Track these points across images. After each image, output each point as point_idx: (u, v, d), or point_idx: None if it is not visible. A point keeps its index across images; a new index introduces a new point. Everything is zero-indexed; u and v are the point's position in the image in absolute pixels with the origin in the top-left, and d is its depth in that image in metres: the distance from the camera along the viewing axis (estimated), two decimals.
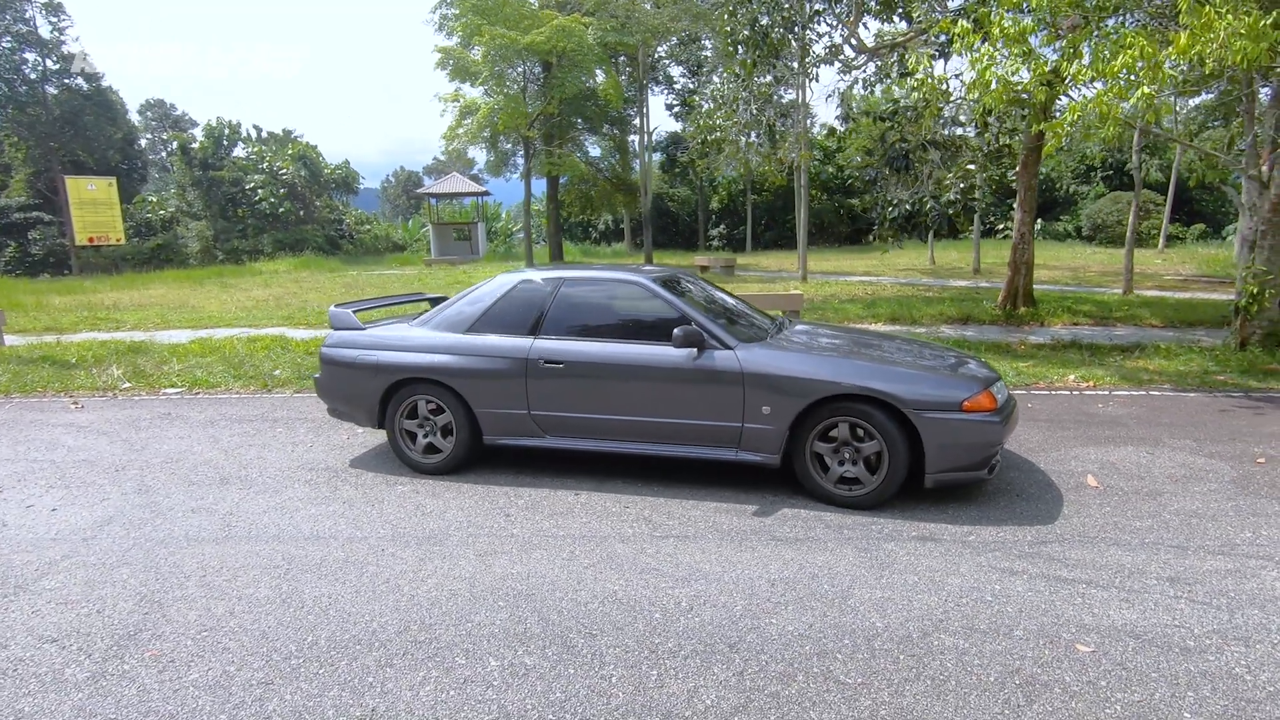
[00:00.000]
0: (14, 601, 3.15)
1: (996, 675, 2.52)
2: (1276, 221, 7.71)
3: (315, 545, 3.67)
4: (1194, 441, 5.17)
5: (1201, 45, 5.43)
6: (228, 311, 13.87)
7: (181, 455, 5.24)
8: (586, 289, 4.61)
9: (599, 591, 3.15)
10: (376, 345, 4.76)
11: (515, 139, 24.58)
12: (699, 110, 13.84)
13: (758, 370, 4.05)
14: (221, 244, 33.14)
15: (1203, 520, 3.81)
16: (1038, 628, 2.81)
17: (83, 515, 4.13)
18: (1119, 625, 2.82)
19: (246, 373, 7.97)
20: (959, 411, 3.83)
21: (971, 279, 18.31)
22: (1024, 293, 11.62)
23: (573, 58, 18.73)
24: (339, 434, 5.71)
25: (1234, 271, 17.96)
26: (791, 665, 2.60)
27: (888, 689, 2.46)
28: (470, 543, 3.68)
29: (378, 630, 2.87)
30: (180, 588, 3.26)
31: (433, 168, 54.00)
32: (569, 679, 2.54)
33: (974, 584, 3.15)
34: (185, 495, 4.43)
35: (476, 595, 3.14)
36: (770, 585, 3.18)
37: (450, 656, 2.69)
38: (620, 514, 4.01)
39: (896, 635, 2.78)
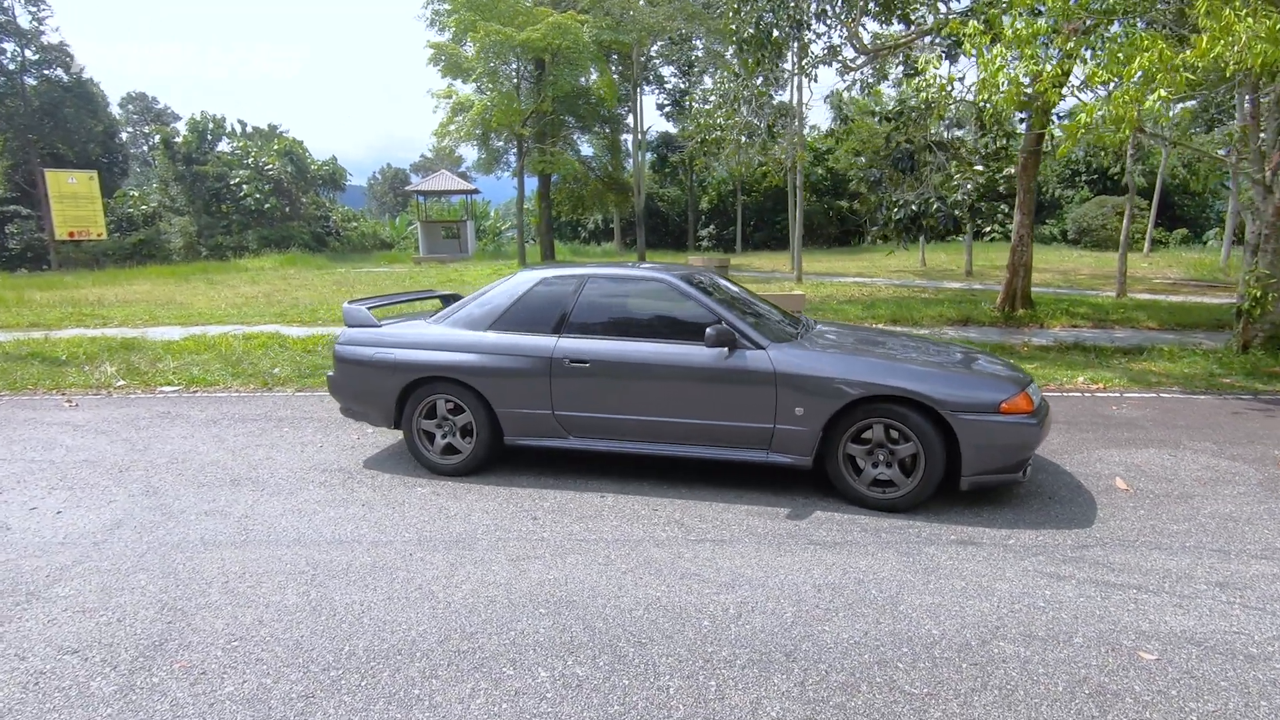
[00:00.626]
0: (28, 610, 3.00)
1: (1064, 685, 2.46)
2: (1278, 225, 7.77)
3: (339, 550, 3.55)
4: (1213, 444, 5.17)
5: (1222, 48, 5.44)
6: (217, 308, 13.58)
7: (187, 455, 5.07)
8: (611, 287, 4.50)
9: (642, 598, 3.06)
10: (394, 343, 4.63)
11: (507, 137, 24.39)
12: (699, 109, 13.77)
13: (791, 370, 3.98)
14: (205, 240, 32.57)
15: (1238, 524, 3.79)
16: (1096, 634, 2.75)
17: (90, 518, 3.97)
18: (1177, 632, 2.77)
19: (245, 371, 7.78)
20: (996, 414, 3.78)
21: (964, 281, 18.40)
22: (1022, 295, 11.67)
23: (568, 55, 18.57)
24: (348, 434, 5.56)
25: (1221, 276, 18.23)
26: (853, 675, 2.52)
27: (955, 700, 2.39)
28: (500, 547, 3.56)
29: (417, 639, 2.76)
30: (203, 595, 3.12)
31: (420, 165, 53.52)
32: (625, 690, 2.44)
33: (1023, 589, 3.10)
34: (195, 497, 4.27)
35: (515, 602, 3.03)
36: (817, 591, 3.10)
37: (497, 667, 2.59)
38: (650, 517, 3.92)
39: (955, 643, 2.71)
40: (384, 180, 55.79)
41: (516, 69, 20.08)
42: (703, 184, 38.39)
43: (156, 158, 35.93)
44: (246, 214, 32.99)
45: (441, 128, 22.16)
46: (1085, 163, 34.90)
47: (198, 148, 33.96)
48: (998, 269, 21.24)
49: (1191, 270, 18.85)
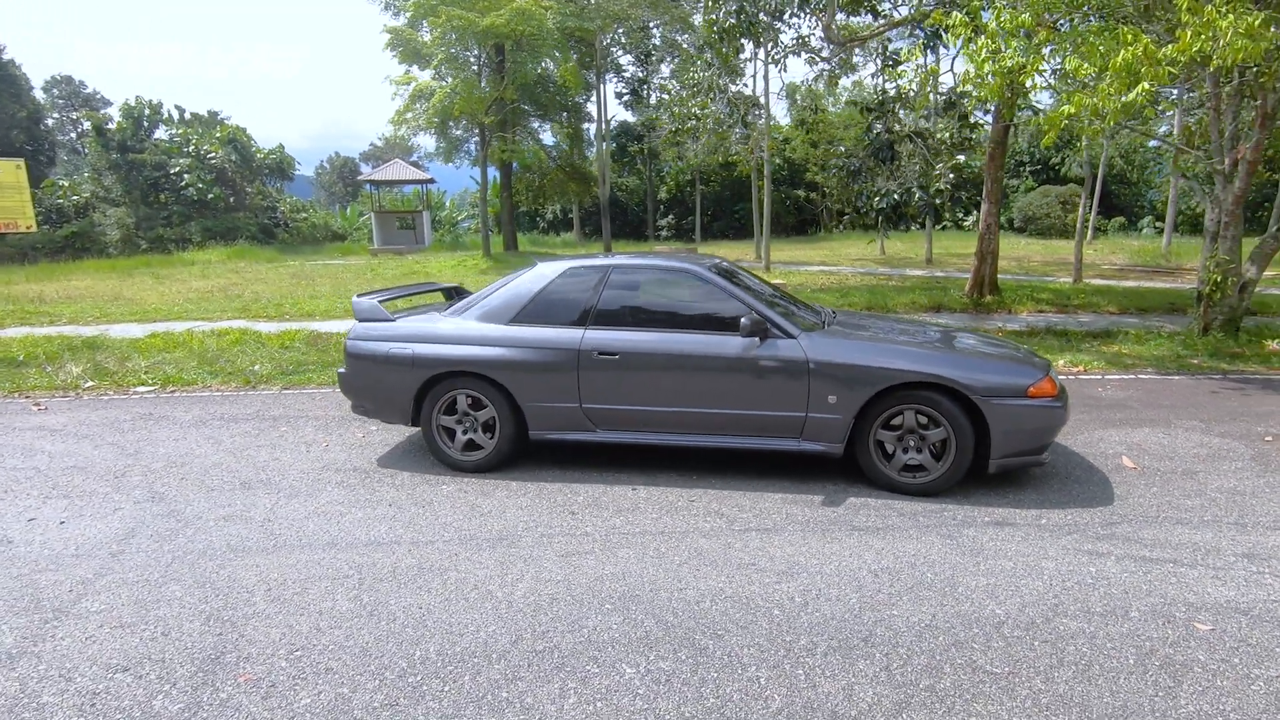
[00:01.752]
0: (59, 627, 2.82)
1: (1134, 657, 2.55)
2: (1239, 214, 8.19)
3: (379, 552, 3.43)
4: (1200, 422, 5.43)
5: (1204, 43, 5.68)
6: (171, 304, 12.96)
7: (184, 459, 4.83)
8: (635, 277, 4.46)
9: (705, 590, 3.05)
10: (411, 337, 4.49)
11: (466, 125, 23.90)
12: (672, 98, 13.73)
13: (824, 359, 4.01)
14: (145, 232, 31.01)
15: (1245, 497, 4.00)
16: (1150, 608, 2.87)
17: (98, 528, 3.75)
18: (1223, 602, 2.90)
19: (223, 369, 7.46)
20: (1024, 397, 3.89)
21: (925, 268, 18.87)
22: (990, 281, 12.04)
23: (531, 42, 18.26)
24: (352, 431, 5.39)
25: (1163, 261, 19.14)
26: (933, 657, 2.57)
27: (1037, 677, 2.46)
28: (546, 543, 3.51)
29: (489, 641, 2.70)
30: (247, 604, 2.98)
31: (370, 154, 51.96)
32: (717, 683, 2.44)
33: (1069, 567, 3.20)
34: (207, 502, 4.08)
35: (578, 599, 2.99)
36: (874, 576, 3.14)
37: (580, 665, 2.55)
38: (688, 508, 3.91)
39: (1020, 622, 2.78)
40: (332, 170, 53.99)
41: (478, 56, 19.66)
42: (661, 174, 38.38)
43: (88, 145, 34.02)
44: (188, 205, 31.53)
45: (398, 115, 21.55)
46: (1029, 154, 36.13)
47: (133, 135, 32.25)
48: (955, 256, 21.86)
49: (1136, 256, 19.75)
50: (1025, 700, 2.34)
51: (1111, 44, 6.37)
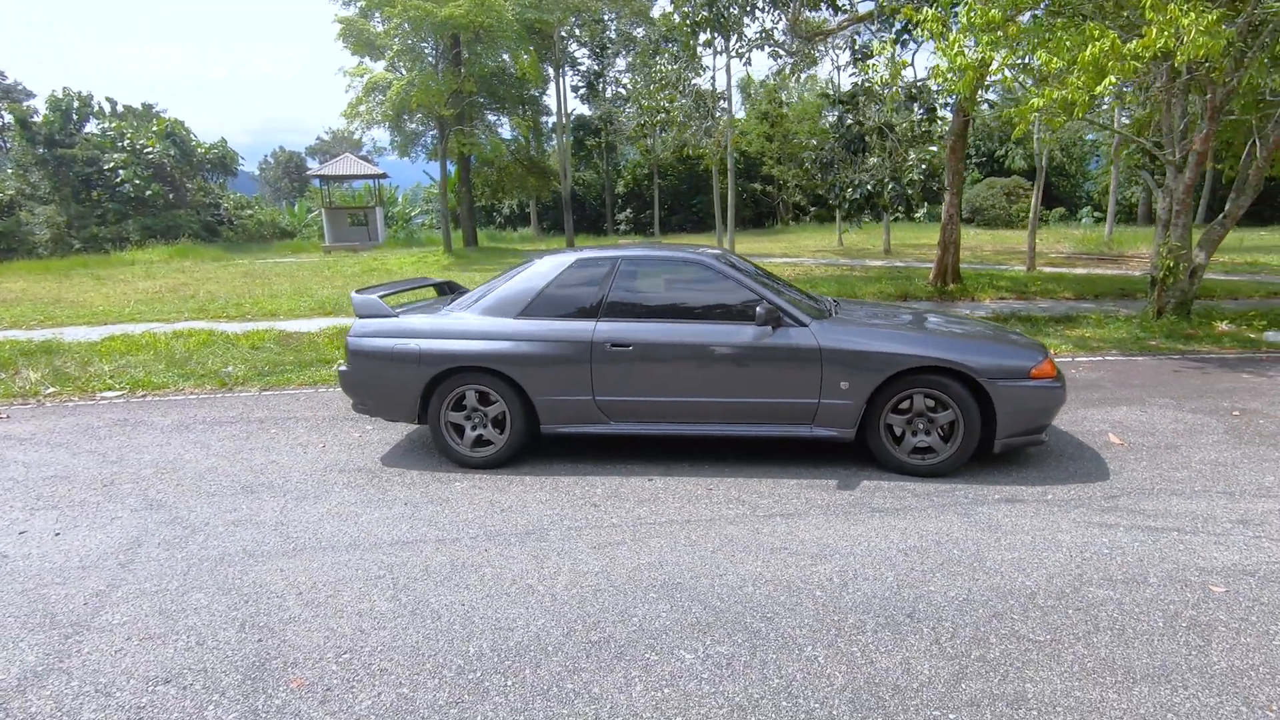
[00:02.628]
0: (82, 642, 2.69)
1: (1163, 620, 2.70)
2: (1189, 202, 8.63)
3: (406, 551, 3.37)
4: (1171, 399, 5.73)
5: (1167, 39, 5.96)
6: (120, 306, 12.37)
7: (174, 464, 4.64)
8: (645, 268, 4.46)
9: (744, 575, 3.09)
10: (417, 333, 4.40)
11: (422, 118, 23.41)
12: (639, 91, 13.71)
13: (836, 346, 4.09)
14: (77, 231, 29.50)
15: (1227, 468, 4.24)
16: (1165, 574, 3.02)
17: (98, 538, 3.58)
18: (1230, 566, 3.08)
19: (194, 371, 7.17)
20: (1027, 379, 4.05)
21: (884, 259, 19.34)
22: (953, 270, 12.42)
23: (490, 33, 17.99)
24: (347, 432, 5.26)
25: (1106, 249, 20.03)
26: (978, 629, 2.66)
27: (1079, 642, 2.57)
28: (576, 536, 3.50)
29: (541, 635, 2.68)
30: (280, 608, 2.89)
31: (317, 148, 50.41)
32: (778, 664, 2.48)
33: (1084, 539, 3.35)
34: (211, 507, 3.93)
35: (621, 589, 3.00)
36: (904, 555, 3.23)
37: (638, 654, 2.56)
38: (708, 497, 3.95)
39: (1051, 591, 2.91)
40: (277, 165, 52.17)
41: (435, 47, 19.27)
42: (618, 168, 38.33)
43: (11, 139, 32.14)
44: (124, 202, 30.10)
45: (351, 108, 21.00)
46: (974, 147, 37.32)
47: (61, 128, 30.60)
48: (910, 247, 22.46)
49: (1081, 245, 20.61)
50: (1071, 665, 2.45)
51: (1078, 39, 6.64)
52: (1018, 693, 2.31)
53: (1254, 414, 5.28)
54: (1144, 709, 2.23)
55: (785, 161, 33.87)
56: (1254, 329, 8.45)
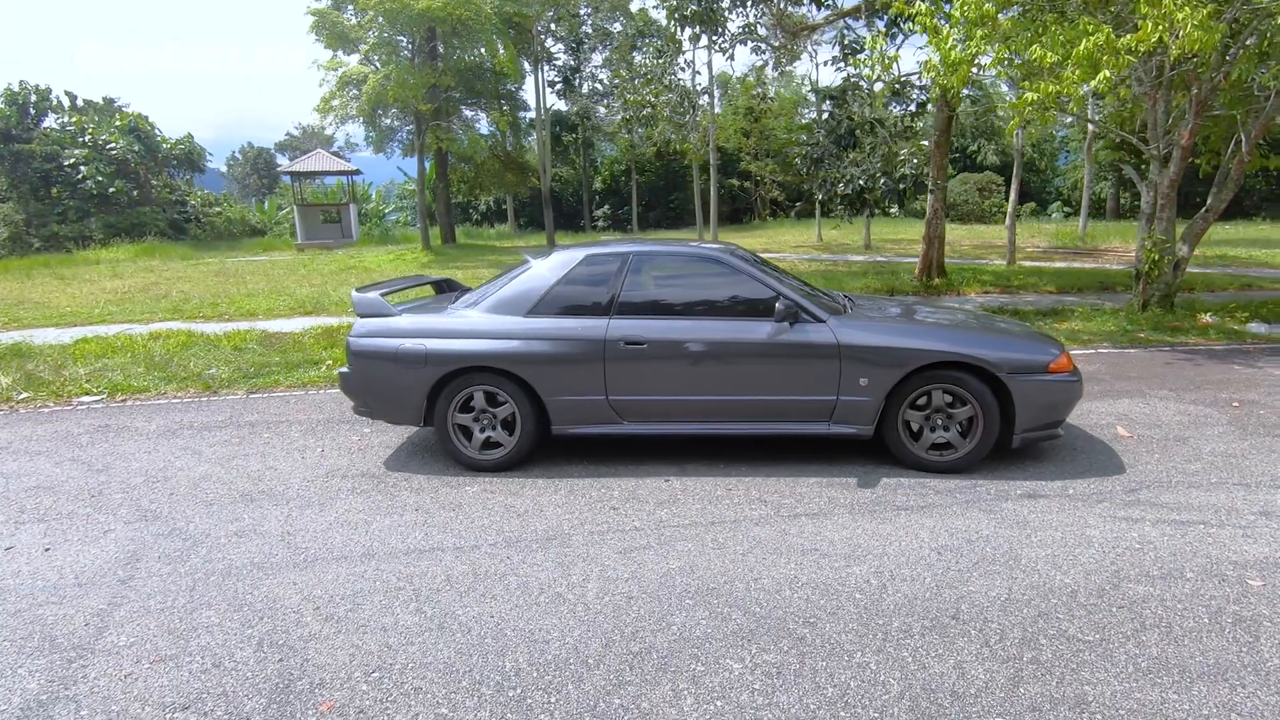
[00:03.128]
0: (88, 666, 2.52)
1: (1208, 616, 2.67)
2: (1173, 196, 8.76)
3: (424, 560, 3.24)
4: (1170, 391, 5.78)
5: (1162, 33, 6.00)
6: (89, 307, 11.95)
7: (165, 472, 4.44)
8: (657, 264, 4.36)
9: (779, 578, 3.01)
10: (423, 333, 4.25)
11: (397, 114, 23.01)
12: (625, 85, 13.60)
13: (854, 342, 4.03)
14: (37, 230, 28.53)
15: (1238, 459, 4.27)
16: (1201, 569, 3.01)
17: (92, 552, 3.38)
18: (1262, 559, 3.08)
19: (176, 374, 6.91)
20: (1045, 373, 4.03)
21: (865, 254, 19.48)
22: (938, 265, 12.51)
23: (468, 27, 17.71)
24: (345, 436, 5.08)
25: (1081, 244, 20.39)
26: (1025, 630, 2.61)
27: (1129, 641, 2.53)
28: (600, 541, 3.39)
29: (579, 646, 2.57)
30: (298, 625, 2.75)
31: (286, 144, 49.26)
32: (830, 673, 2.40)
33: (1114, 535, 3.33)
34: (210, 518, 3.75)
35: (654, 595, 2.90)
36: (938, 555, 3.18)
37: (683, 664, 2.46)
38: (728, 497, 3.87)
39: (1091, 590, 2.87)
40: (245, 161, 50.91)
41: (411, 41, 18.92)
42: (595, 164, 38.14)
43: None
44: (86, 199, 29.17)
45: (324, 102, 20.59)
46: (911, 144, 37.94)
47: (18, 123, 29.55)
48: (889, 242, 22.66)
49: (1055, 239, 20.95)
50: (1126, 665, 2.41)
51: (1073, 34, 6.66)
52: (1078, 696, 2.26)
53: (1253, 405, 5.35)
54: (1206, 709, 2.20)
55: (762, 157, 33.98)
56: (1237, 320, 8.61)
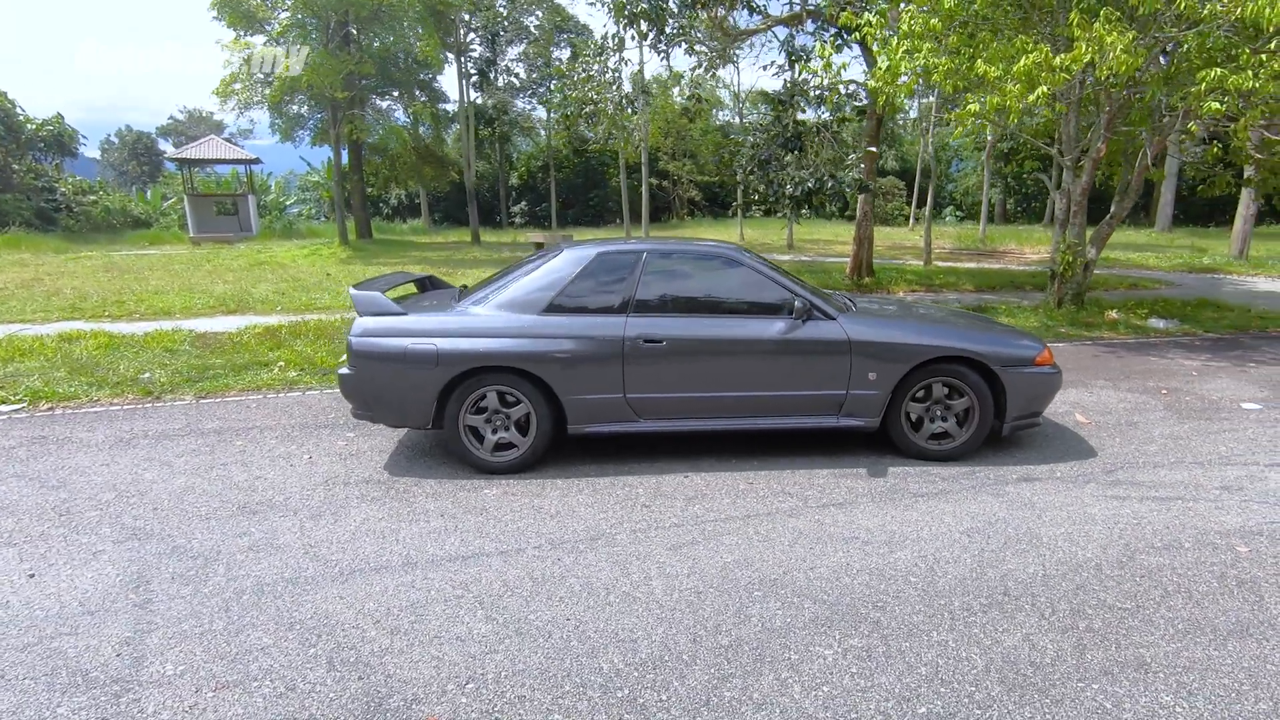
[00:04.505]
0: (140, 701, 2.29)
1: (1216, 580, 2.99)
2: (1084, 203, 9.60)
3: (472, 566, 3.13)
4: (1107, 381, 6.36)
5: (1093, 54, 6.58)
6: None
7: (136, 485, 4.06)
8: (671, 262, 4.38)
9: (833, 566, 3.12)
10: (432, 332, 4.09)
11: (305, 100, 21.79)
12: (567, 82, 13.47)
13: (864, 339, 4.21)
14: None
15: (1185, 440, 4.77)
16: (1194, 539, 3.36)
17: (88, 576, 3.06)
18: (1238, 528, 3.47)
19: (106, 379, 6.30)
20: (1032, 366, 4.35)
21: (789, 254, 20.19)
22: (867, 264, 13.15)
23: (392, 12, 17.00)
24: (330, 441, 4.81)
25: (981, 245, 21.95)
26: (1072, 604, 2.83)
27: (1162, 605, 2.80)
28: (645, 539, 3.39)
29: (669, 644, 2.58)
30: (363, 640, 2.60)
31: (170, 129, 45.36)
32: (916, 653, 2.52)
33: (1110, 512, 3.66)
34: (213, 533, 3.47)
35: (721, 589, 2.94)
36: (969, 537, 3.39)
37: (779, 654, 2.52)
38: (752, 491, 3.96)
39: (1112, 562, 3.15)
40: (123, 146, 46.47)
41: (327, 24, 17.96)
42: (511, 159, 37.50)
43: None
44: None
45: (224, 85, 19.23)
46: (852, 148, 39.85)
47: None
48: (810, 243, 23.59)
49: (959, 241, 22.45)
50: (1166, 628, 2.66)
51: (1012, 51, 7.19)
52: (1138, 659, 2.49)
53: (1178, 392, 5.97)
54: (1245, 662, 2.47)
55: (680, 157, 34.49)
56: (1138, 316, 9.55)
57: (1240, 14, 6.21)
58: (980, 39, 7.59)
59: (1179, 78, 7.43)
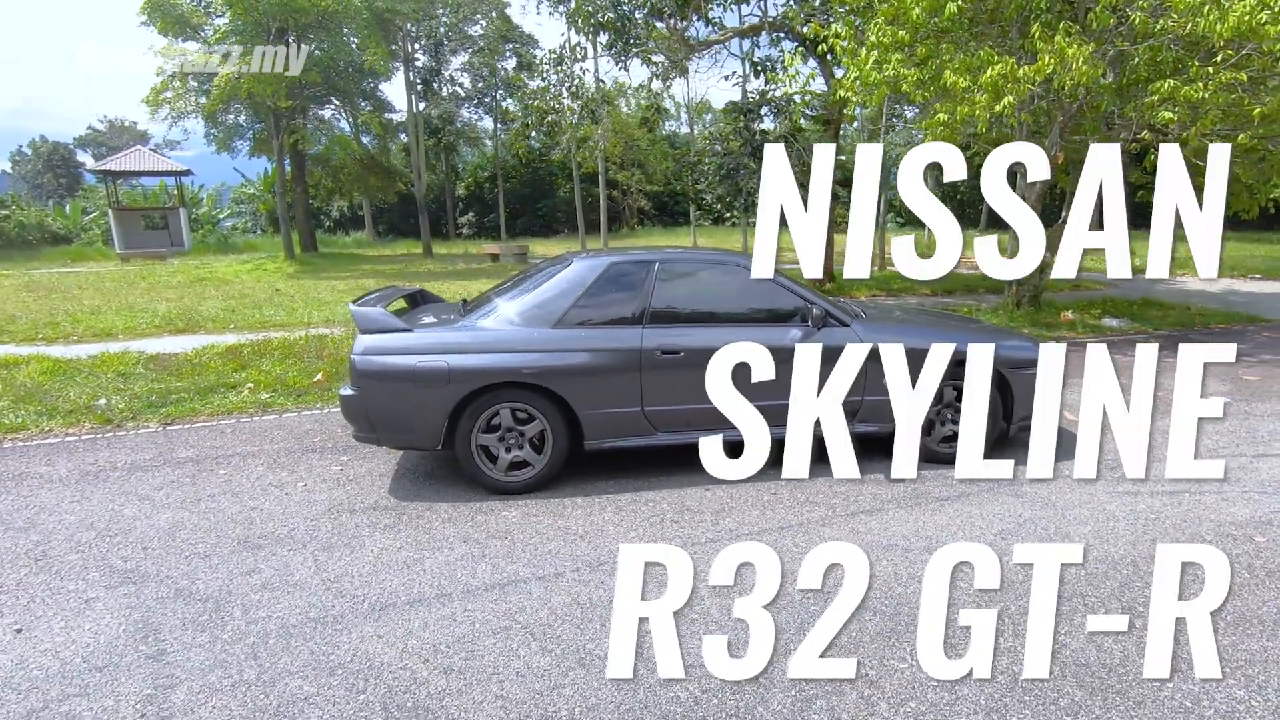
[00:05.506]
0: None
1: (1246, 569, 3.09)
2: (1038, 208, 9.99)
3: (512, 594, 2.98)
4: (1076, 379, 6.57)
5: (1056, 66, 6.85)
6: None
7: (117, 523, 3.73)
8: (683, 270, 4.31)
9: (884, 576, 3.10)
10: (443, 348, 3.90)
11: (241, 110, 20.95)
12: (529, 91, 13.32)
13: (880, 345, 4.22)
14: None
15: (1165, 436, 4.94)
16: (1212, 531, 3.47)
17: (86, 628, 2.78)
18: (1247, 519, 3.60)
19: (57, 407, 5.82)
20: (1035, 368, 4.44)
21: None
22: (827, 271, 13.39)
23: (335, 18, 16.50)
24: (323, 466, 4.54)
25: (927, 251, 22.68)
26: (1122, 601, 2.88)
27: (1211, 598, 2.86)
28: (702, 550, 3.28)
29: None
30: (416, 682, 2.42)
31: (89, 139, 42.78)
32: (1060, 635, 2.51)
33: (1127, 508, 3.75)
34: (216, 572, 3.20)
35: (778, 604, 2.86)
36: (1002, 539, 3.42)
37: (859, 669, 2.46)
38: (777, 502, 3.91)
39: (1145, 557, 3.21)
40: (37, 157, 43.56)
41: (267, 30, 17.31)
42: (457, 170, 36.93)
43: None
44: None
45: (154, 94, 18.34)
46: None
47: None
48: None
49: None
50: (1224, 620, 2.72)
51: (978, 63, 7.43)
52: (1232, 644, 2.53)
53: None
54: None
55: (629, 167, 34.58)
56: (1092, 316, 9.99)
57: (1190, 29, 6.56)
58: (945, 50, 7.82)
59: (1130, 89, 7.81)
